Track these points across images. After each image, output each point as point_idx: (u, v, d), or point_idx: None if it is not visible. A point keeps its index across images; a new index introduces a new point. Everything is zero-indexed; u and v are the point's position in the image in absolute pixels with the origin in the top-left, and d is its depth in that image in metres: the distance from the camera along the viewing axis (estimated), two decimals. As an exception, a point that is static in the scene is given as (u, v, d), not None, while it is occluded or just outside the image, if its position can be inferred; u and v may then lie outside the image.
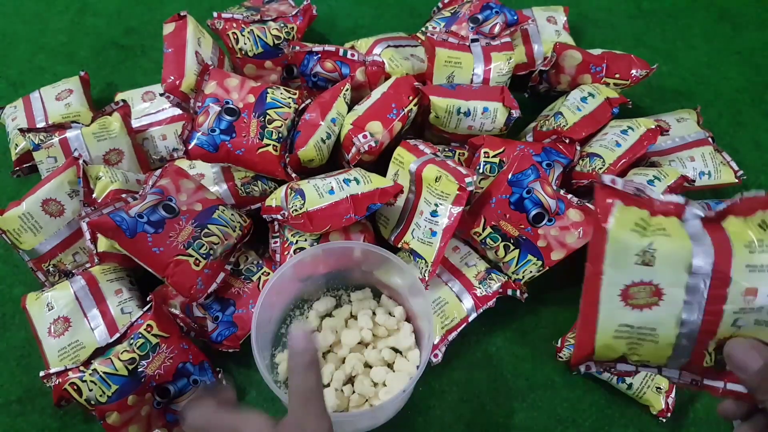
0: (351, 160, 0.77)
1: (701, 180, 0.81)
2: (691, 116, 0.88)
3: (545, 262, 0.71)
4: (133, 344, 0.64)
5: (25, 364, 0.73)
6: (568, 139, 0.80)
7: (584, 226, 0.71)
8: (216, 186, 0.78)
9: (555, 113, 0.83)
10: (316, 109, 0.77)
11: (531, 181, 0.71)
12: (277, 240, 0.74)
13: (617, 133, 0.79)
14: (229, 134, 0.74)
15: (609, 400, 0.71)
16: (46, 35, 1.07)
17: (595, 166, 0.77)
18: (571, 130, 0.80)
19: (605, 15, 1.11)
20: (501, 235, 0.72)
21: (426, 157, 0.73)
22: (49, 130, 0.78)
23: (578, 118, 0.81)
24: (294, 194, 0.70)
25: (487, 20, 0.90)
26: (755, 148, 0.93)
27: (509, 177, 0.72)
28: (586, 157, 0.79)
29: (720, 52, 1.06)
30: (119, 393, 0.62)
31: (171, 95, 0.80)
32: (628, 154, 0.77)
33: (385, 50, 0.88)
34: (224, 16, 0.89)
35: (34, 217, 0.72)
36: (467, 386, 0.72)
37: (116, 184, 0.73)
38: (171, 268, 0.67)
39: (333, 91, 0.80)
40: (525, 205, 0.70)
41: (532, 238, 0.71)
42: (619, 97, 0.84)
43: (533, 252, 0.71)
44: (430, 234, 0.70)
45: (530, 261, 0.71)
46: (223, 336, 0.69)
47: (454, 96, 0.79)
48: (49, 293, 0.69)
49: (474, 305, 0.70)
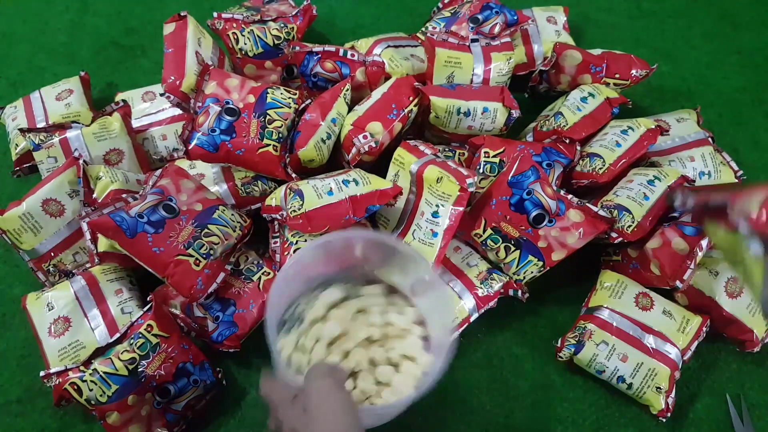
0: (351, 160, 0.77)
1: (701, 180, 0.81)
2: (691, 116, 0.88)
3: (546, 262, 0.71)
4: (133, 344, 0.64)
5: (25, 364, 0.73)
6: (568, 139, 0.80)
7: (584, 227, 0.71)
8: (216, 186, 0.78)
9: (555, 113, 0.83)
10: (316, 110, 0.77)
11: (531, 183, 0.71)
12: (277, 240, 0.74)
13: (617, 133, 0.79)
14: (230, 134, 0.74)
15: (609, 400, 0.71)
16: (46, 35, 1.07)
17: (595, 166, 0.77)
18: (571, 130, 0.80)
19: (605, 15, 1.11)
20: (502, 236, 0.72)
21: (427, 158, 0.73)
22: (49, 130, 0.78)
23: (578, 118, 0.81)
24: (293, 195, 0.70)
25: (487, 20, 0.90)
26: (755, 148, 0.94)
27: (509, 179, 0.72)
28: (586, 156, 0.79)
29: (720, 52, 1.06)
30: (119, 393, 0.62)
31: (171, 95, 0.80)
32: (628, 154, 0.77)
33: (385, 50, 0.87)
34: (224, 16, 0.89)
35: (34, 217, 0.72)
36: (467, 386, 0.72)
37: (116, 184, 0.73)
38: (171, 268, 0.67)
39: (333, 92, 0.80)
40: (525, 207, 0.70)
41: (533, 239, 0.71)
42: (619, 97, 0.84)
43: (534, 253, 0.71)
44: (431, 235, 0.70)
45: (531, 261, 0.71)
46: (224, 336, 0.69)
47: (454, 96, 0.79)
48: (49, 293, 0.69)
49: (476, 305, 0.70)
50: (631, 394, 0.68)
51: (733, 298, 0.70)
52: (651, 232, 0.72)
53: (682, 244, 0.69)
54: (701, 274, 0.71)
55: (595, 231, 0.71)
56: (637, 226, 0.71)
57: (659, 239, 0.70)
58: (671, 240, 0.70)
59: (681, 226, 0.70)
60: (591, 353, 0.68)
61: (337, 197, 0.69)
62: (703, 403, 0.71)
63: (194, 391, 0.66)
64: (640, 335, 0.68)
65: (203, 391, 0.67)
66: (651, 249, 0.71)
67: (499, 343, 0.75)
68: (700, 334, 0.69)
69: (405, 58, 0.88)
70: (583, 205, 0.72)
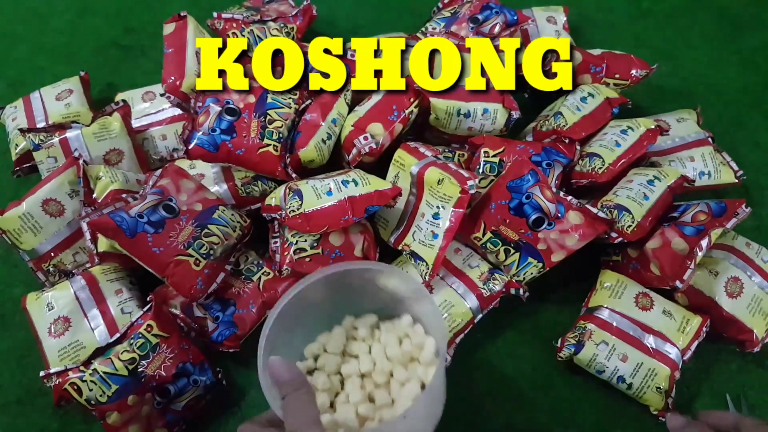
0: (351, 161, 0.77)
1: (701, 180, 0.81)
2: (691, 116, 0.88)
3: (545, 263, 0.71)
4: (133, 344, 0.64)
5: (25, 364, 0.73)
6: (568, 139, 0.80)
7: (584, 228, 0.71)
8: (216, 186, 0.78)
9: (555, 113, 0.83)
10: (316, 110, 0.77)
11: (530, 186, 0.71)
12: (277, 240, 0.74)
13: (617, 133, 0.79)
14: (230, 134, 0.74)
15: (609, 400, 0.71)
16: (46, 35, 1.07)
17: (594, 165, 0.77)
18: (570, 130, 0.80)
19: (605, 15, 1.11)
20: (501, 239, 0.72)
21: (427, 160, 0.73)
22: (49, 130, 0.78)
23: (578, 118, 0.81)
24: (292, 194, 0.70)
25: (487, 20, 0.90)
26: (755, 148, 0.93)
27: (508, 183, 0.72)
28: (585, 156, 0.79)
29: (720, 52, 1.06)
30: (119, 393, 0.62)
31: (171, 95, 0.80)
32: (628, 154, 0.77)
33: (385, 50, 0.87)
34: (224, 17, 0.89)
35: (34, 217, 0.72)
36: (467, 386, 0.72)
37: (116, 184, 0.73)
38: (171, 268, 0.67)
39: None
40: (524, 210, 0.71)
41: (532, 241, 0.71)
42: (618, 97, 0.84)
43: (533, 255, 0.71)
44: (431, 236, 0.70)
45: (531, 263, 0.72)
46: (224, 336, 0.69)
47: (454, 97, 0.79)
48: (49, 293, 0.69)
49: (479, 306, 0.70)
50: (631, 394, 0.68)
51: (733, 298, 0.70)
52: (651, 232, 0.72)
53: (682, 244, 0.69)
54: (701, 274, 0.71)
55: (594, 232, 0.71)
56: (637, 226, 0.71)
57: (659, 239, 0.70)
58: (671, 240, 0.70)
59: (681, 226, 0.70)
60: (591, 353, 0.68)
61: (336, 197, 0.69)
62: (703, 403, 0.71)
63: (194, 392, 0.66)
64: (641, 335, 0.68)
65: (203, 391, 0.67)
66: (651, 249, 0.71)
67: (499, 344, 0.75)
68: (700, 334, 0.69)
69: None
70: (583, 206, 0.72)
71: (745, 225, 0.73)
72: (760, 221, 0.85)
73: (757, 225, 0.84)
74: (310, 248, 0.70)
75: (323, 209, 0.68)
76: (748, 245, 0.73)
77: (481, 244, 0.73)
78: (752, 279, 0.70)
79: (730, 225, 0.69)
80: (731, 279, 0.71)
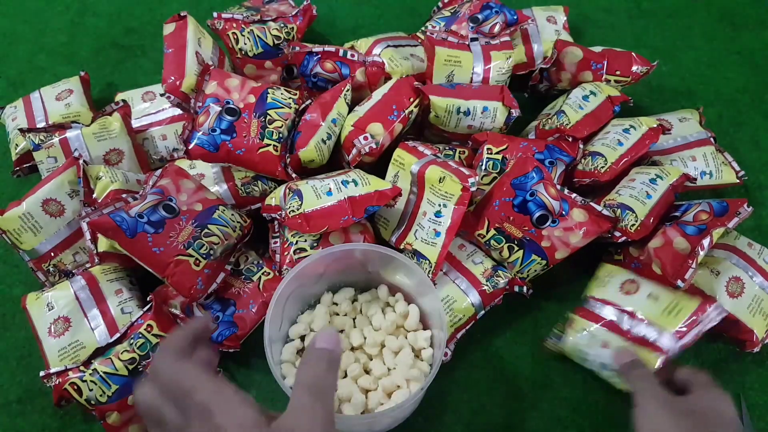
0: (351, 161, 0.77)
1: (702, 180, 0.81)
2: (694, 116, 0.88)
3: (549, 261, 0.72)
4: (133, 344, 0.64)
5: (25, 364, 0.73)
6: (570, 137, 0.80)
7: (588, 226, 0.71)
8: (216, 186, 0.78)
9: (557, 111, 0.83)
10: (316, 110, 0.77)
11: (534, 184, 0.71)
12: (277, 240, 0.74)
13: (619, 131, 0.79)
14: (230, 134, 0.74)
15: (609, 400, 0.71)
16: (46, 35, 1.07)
17: (597, 164, 0.77)
18: (573, 129, 0.80)
19: (605, 15, 1.11)
20: (505, 236, 0.72)
21: (427, 159, 0.73)
22: (49, 130, 0.78)
23: (580, 116, 0.81)
24: (292, 194, 0.70)
25: (487, 20, 0.90)
26: (755, 148, 0.93)
27: (512, 180, 0.72)
28: (588, 155, 0.79)
29: (720, 52, 1.06)
30: (119, 393, 0.62)
31: (171, 95, 0.80)
32: (630, 153, 0.77)
33: (384, 50, 0.87)
34: (224, 17, 0.89)
35: (34, 217, 0.72)
36: (467, 386, 0.72)
37: (116, 184, 0.73)
38: (171, 268, 0.67)
39: (333, 92, 0.80)
40: (528, 208, 0.70)
41: (536, 239, 0.71)
42: (620, 95, 0.84)
43: (537, 252, 0.71)
44: (433, 234, 0.70)
45: (534, 260, 0.72)
46: (224, 336, 0.69)
47: (453, 95, 0.79)
48: (49, 293, 0.69)
49: (481, 302, 0.70)
50: (617, 382, 0.67)
51: (733, 298, 0.70)
52: (653, 231, 0.72)
53: (683, 244, 0.69)
54: (702, 273, 0.71)
55: (598, 230, 0.71)
56: (641, 225, 0.71)
57: (661, 238, 0.70)
58: (673, 239, 0.69)
59: (683, 226, 0.70)
60: (572, 342, 0.68)
61: (336, 198, 0.69)
62: (703, 403, 0.71)
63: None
64: (620, 320, 0.66)
65: (203, 391, 0.67)
66: (652, 248, 0.71)
67: (499, 343, 0.75)
68: (699, 317, 0.65)
69: (405, 58, 0.88)
70: (587, 204, 0.72)
71: (744, 225, 0.73)
72: (759, 221, 0.85)
73: (757, 225, 0.84)
74: (310, 248, 0.70)
75: (323, 209, 0.68)
76: (750, 245, 0.73)
77: (484, 241, 0.73)
78: (753, 279, 0.70)
79: (731, 224, 0.69)
80: (732, 279, 0.70)
